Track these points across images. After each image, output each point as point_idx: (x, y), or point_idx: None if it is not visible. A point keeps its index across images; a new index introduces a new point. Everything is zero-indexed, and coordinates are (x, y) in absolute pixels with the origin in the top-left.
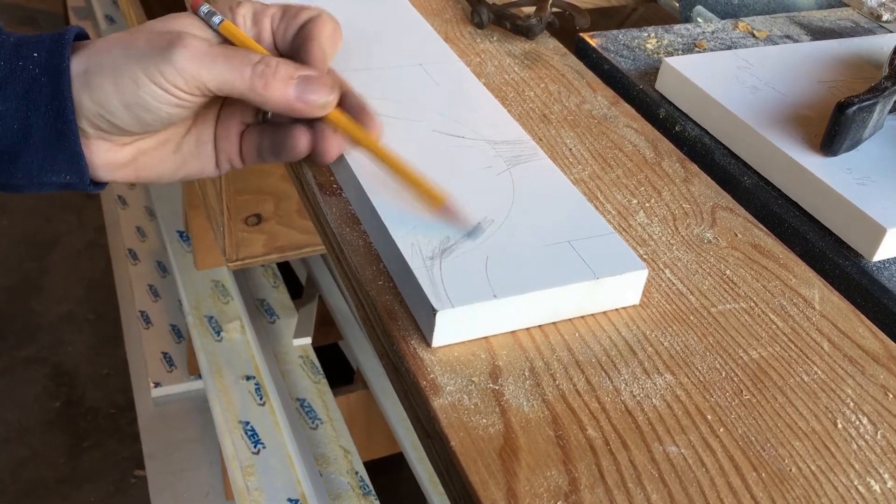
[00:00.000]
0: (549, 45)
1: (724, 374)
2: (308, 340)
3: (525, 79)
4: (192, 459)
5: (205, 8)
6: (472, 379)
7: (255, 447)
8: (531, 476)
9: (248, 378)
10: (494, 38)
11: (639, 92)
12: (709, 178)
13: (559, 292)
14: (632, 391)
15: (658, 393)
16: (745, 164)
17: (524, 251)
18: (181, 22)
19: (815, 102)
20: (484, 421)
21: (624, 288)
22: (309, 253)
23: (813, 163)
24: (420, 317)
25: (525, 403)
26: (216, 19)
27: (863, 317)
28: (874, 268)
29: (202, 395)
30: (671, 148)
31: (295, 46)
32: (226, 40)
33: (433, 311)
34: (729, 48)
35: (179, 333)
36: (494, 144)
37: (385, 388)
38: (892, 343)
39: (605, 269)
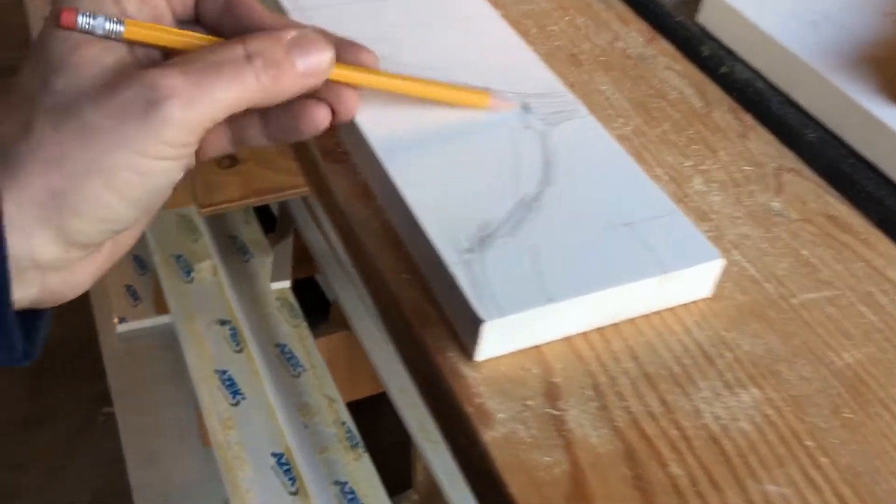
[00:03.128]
0: None
1: (816, 384)
2: (287, 284)
3: (547, 10)
4: (163, 398)
5: (84, 16)
6: (527, 402)
7: (233, 398)
8: None
9: (222, 323)
10: None
11: (676, 25)
12: (767, 133)
13: (624, 290)
14: (714, 412)
15: (745, 413)
16: (807, 114)
17: (576, 238)
18: (61, 50)
19: (885, 40)
20: (546, 459)
21: (696, 280)
22: (290, 195)
23: (891, 116)
24: (458, 323)
25: (592, 433)
26: (108, 25)
27: None
28: None
29: (170, 330)
30: (721, 95)
31: (215, 9)
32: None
33: (478, 321)
34: None
35: (143, 265)
36: (527, 98)
37: (366, 327)
38: None
39: (675, 261)
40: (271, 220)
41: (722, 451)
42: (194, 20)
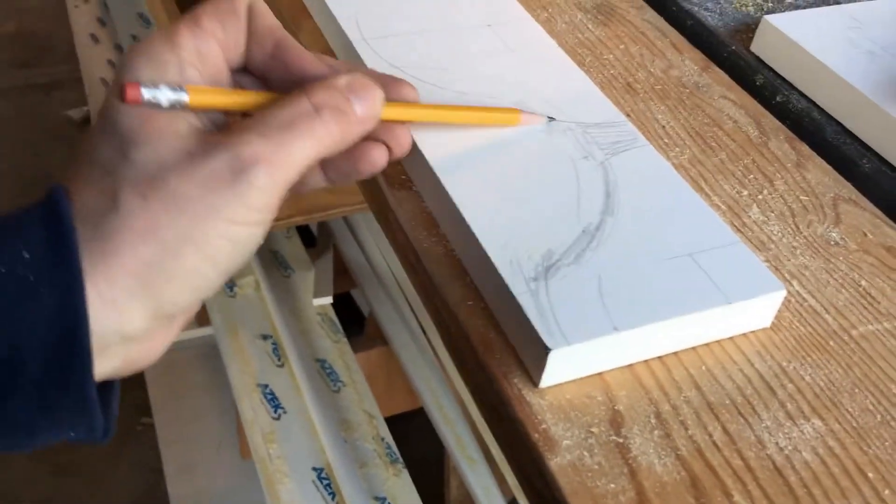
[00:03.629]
0: None
1: (878, 417)
2: (329, 300)
3: (601, 38)
4: (201, 409)
5: (148, 90)
6: (591, 429)
7: (275, 412)
8: None
9: (265, 337)
10: None
11: (730, 54)
12: (824, 163)
13: (687, 321)
14: (777, 442)
15: (808, 444)
16: (863, 144)
17: (639, 268)
18: (133, 122)
19: None
20: (612, 486)
21: (757, 311)
22: (337, 215)
23: None
24: (524, 350)
25: (657, 461)
26: (172, 95)
27: None
28: None
29: (209, 342)
30: (777, 125)
31: (262, 57)
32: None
33: (545, 350)
34: (824, 0)
35: None
36: (587, 128)
37: (404, 342)
38: None
39: (738, 291)
40: (310, 235)
41: (786, 482)
42: (243, 68)
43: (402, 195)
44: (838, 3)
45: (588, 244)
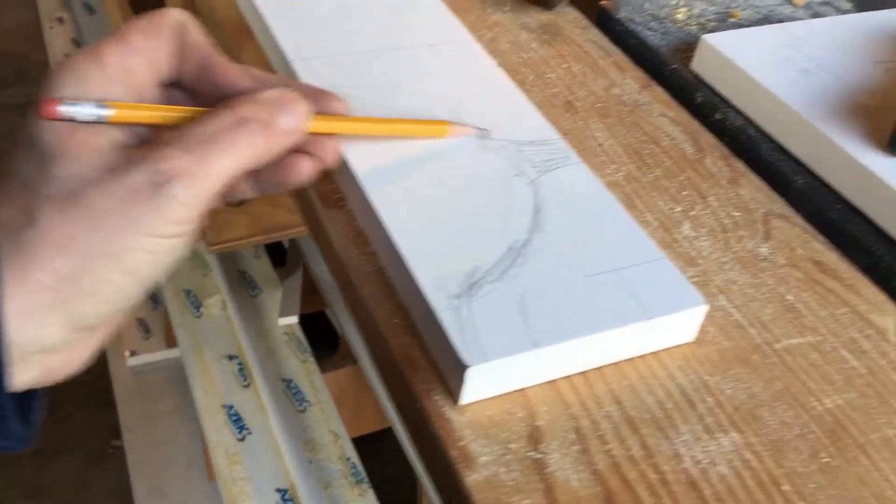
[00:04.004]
0: (569, 17)
1: (797, 430)
2: (294, 319)
3: (545, 57)
4: (171, 432)
5: (66, 106)
6: (510, 445)
7: (240, 433)
8: None
9: (230, 358)
10: (507, 9)
11: (671, 73)
12: (758, 179)
13: (607, 336)
14: (694, 456)
15: (724, 457)
16: (796, 161)
17: (563, 284)
18: (53, 138)
19: (874, 88)
20: (527, 501)
21: (680, 326)
22: (296, 234)
23: (879, 164)
24: (445, 367)
25: (573, 476)
26: (95, 111)
27: None
28: None
29: (180, 364)
30: (713, 141)
31: (191, 72)
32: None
33: (464, 366)
34: (766, 18)
35: (155, 299)
36: (521, 146)
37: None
38: None
39: (659, 306)
40: (282, 255)
41: (700, 495)
42: (174, 83)
43: (335, 214)
44: (781, 22)
45: (514, 261)
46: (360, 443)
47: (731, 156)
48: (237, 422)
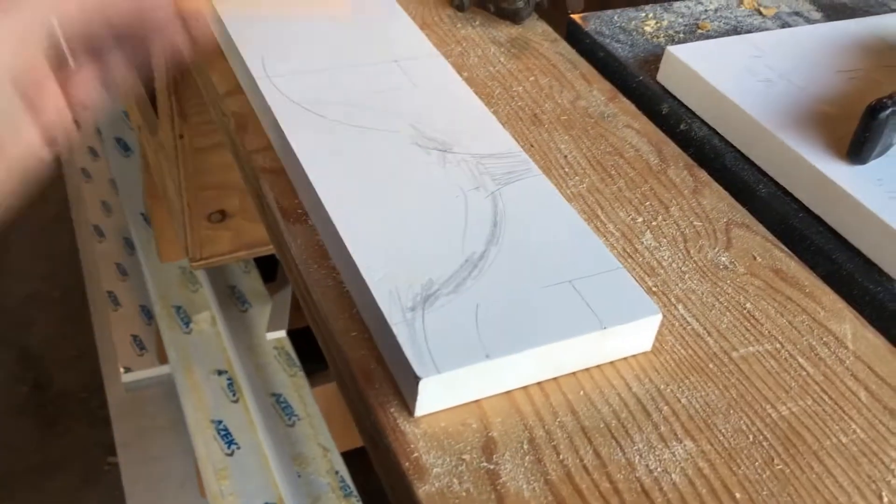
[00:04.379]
0: (538, 30)
1: (751, 437)
2: (282, 334)
3: (512, 71)
4: (165, 448)
5: None
6: (463, 456)
7: (228, 448)
8: None
9: (220, 373)
10: (477, 23)
11: (638, 84)
12: (721, 189)
13: (561, 346)
14: (647, 464)
15: (678, 465)
16: (760, 170)
17: (519, 295)
18: None
19: (836, 97)
20: None
21: (635, 335)
22: None
23: (839, 172)
24: (401, 379)
25: (525, 486)
26: None
27: None
28: None
29: (172, 379)
30: (677, 152)
31: None
32: None
33: (416, 379)
34: (734, 29)
35: (150, 314)
36: (482, 159)
37: None
38: None
39: (614, 316)
40: (272, 270)
41: (652, 503)
42: None
43: (297, 229)
44: (749, 32)
45: (469, 273)
46: (350, 456)
47: (694, 166)
48: (226, 437)
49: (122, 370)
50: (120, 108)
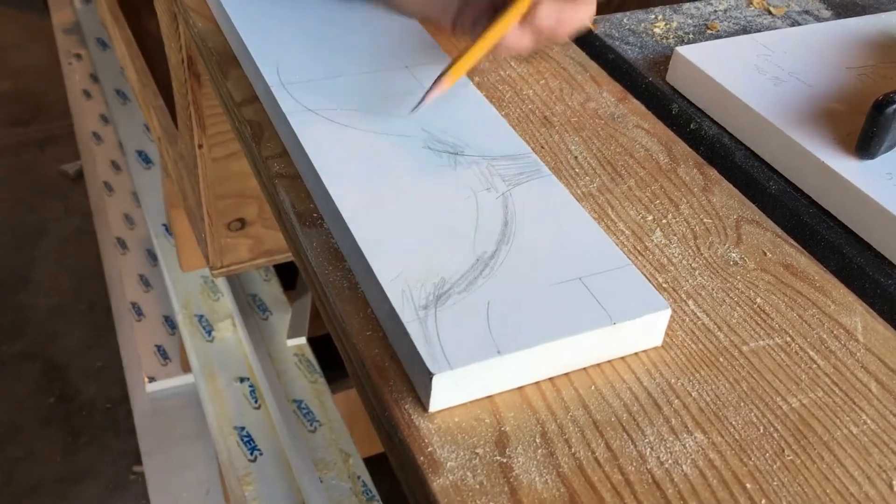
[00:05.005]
0: None
1: (761, 429)
2: (302, 340)
3: (523, 75)
4: (190, 456)
5: None
6: (476, 451)
7: (251, 454)
8: None
9: (241, 380)
10: None
11: (648, 85)
12: (731, 186)
13: (571, 342)
14: (658, 457)
15: (689, 457)
16: (770, 167)
17: (530, 293)
18: None
19: (845, 94)
20: None
21: (645, 330)
22: None
23: (848, 167)
24: (414, 376)
25: (538, 479)
26: None
27: None
28: None
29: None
30: (687, 151)
31: None
32: None
33: (429, 375)
34: (744, 29)
35: (173, 325)
36: (493, 161)
37: None
38: None
39: (623, 312)
40: (293, 278)
41: (664, 494)
42: None
43: (313, 232)
44: (759, 32)
45: (481, 272)
46: (373, 462)
47: (704, 164)
48: (248, 443)
49: (146, 380)
50: (141, 120)
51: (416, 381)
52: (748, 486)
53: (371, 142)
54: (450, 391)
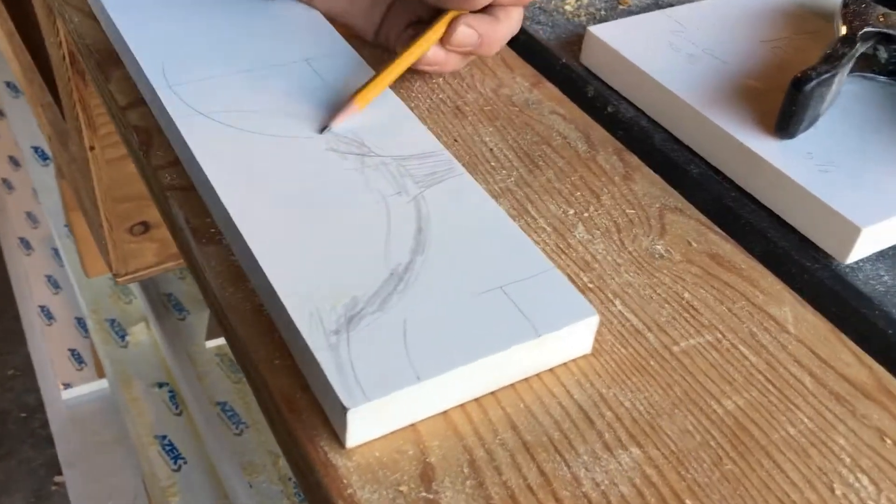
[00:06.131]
0: None
1: (698, 437)
2: (223, 340)
3: None
4: (112, 464)
5: None
6: (400, 488)
7: (174, 463)
8: None
9: (160, 385)
10: None
11: (562, 67)
12: (651, 172)
13: (496, 359)
14: (594, 478)
15: (625, 476)
16: (690, 150)
17: (448, 307)
18: None
19: (761, 69)
20: None
21: (573, 339)
22: None
23: (767, 148)
24: (328, 409)
25: None
26: None
27: (843, 337)
28: (846, 270)
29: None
30: (605, 136)
31: None
32: None
33: (344, 409)
34: (656, 3)
35: (86, 327)
36: (403, 161)
37: None
38: (879, 368)
39: (549, 322)
40: None
41: None
42: None
43: (211, 250)
44: (671, 5)
45: (395, 287)
46: None
47: (624, 150)
48: (171, 452)
49: (61, 387)
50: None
51: (331, 415)
52: (688, 501)
53: (270, 146)
54: (368, 424)
